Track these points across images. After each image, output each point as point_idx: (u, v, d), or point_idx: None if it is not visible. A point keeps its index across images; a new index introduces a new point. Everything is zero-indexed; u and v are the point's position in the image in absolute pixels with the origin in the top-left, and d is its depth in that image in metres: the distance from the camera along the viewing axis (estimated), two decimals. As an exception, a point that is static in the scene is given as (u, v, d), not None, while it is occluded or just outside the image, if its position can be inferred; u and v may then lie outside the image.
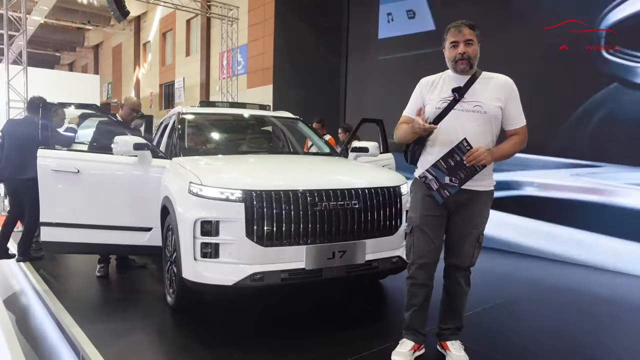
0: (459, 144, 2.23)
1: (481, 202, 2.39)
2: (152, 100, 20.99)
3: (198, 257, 2.75)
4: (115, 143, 3.44)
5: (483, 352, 2.60)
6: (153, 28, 21.09)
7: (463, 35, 2.29)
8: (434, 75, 2.47)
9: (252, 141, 4.47)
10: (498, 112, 2.31)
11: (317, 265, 2.78)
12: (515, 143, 2.35)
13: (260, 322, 3.11)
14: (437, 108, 2.34)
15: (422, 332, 2.53)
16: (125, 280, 4.06)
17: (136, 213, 3.61)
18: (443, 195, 2.30)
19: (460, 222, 2.40)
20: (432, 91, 2.41)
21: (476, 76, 2.35)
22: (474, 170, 2.24)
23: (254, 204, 2.70)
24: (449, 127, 2.31)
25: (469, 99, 2.31)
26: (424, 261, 2.41)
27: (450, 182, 2.27)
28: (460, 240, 2.41)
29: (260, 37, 13.45)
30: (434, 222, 2.40)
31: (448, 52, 2.35)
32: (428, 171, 2.32)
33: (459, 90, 2.31)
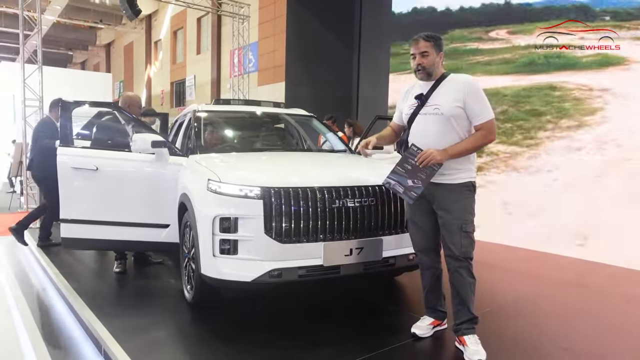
0: (409, 149, 2.49)
1: (456, 193, 2.52)
2: (163, 98, 21.14)
3: (217, 253, 2.78)
4: (133, 141, 3.48)
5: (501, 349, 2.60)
6: (164, 26, 21.22)
7: (418, 48, 2.55)
8: (408, 85, 2.78)
9: (267, 138, 4.48)
10: (457, 111, 2.49)
11: (334, 262, 2.80)
12: (476, 139, 2.50)
13: (276, 318, 3.13)
14: (406, 114, 2.66)
15: (440, 309, 2.78)
16: (143, 277, 4.10)
17: (154, 210, 3.65)
18: (411, 196, 2.48)
19: (441, 214, 2.55)
20: (404, 99, 2.73)
21: (440, 81, 2.57)
22: (432, 169, 2.43)
23: (272, 201, 2.72)
24: (417, 130, 2.59)
25: (430, 103, 2.55)
26: (420, 248, 2.73)
27: (413, 184, 2.46)
28: (446, 233, 2.54)
29: (271, 34, 13.47)
30: (420, 212, 2.64)
31: (411, 63, 2.63)
32: (390, 178, 2.52)
33: (420, 97, 2.58)
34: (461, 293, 2.53)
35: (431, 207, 2.59)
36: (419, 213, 2.66)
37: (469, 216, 2.54)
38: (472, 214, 2.56)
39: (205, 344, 2.71)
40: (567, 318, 3.24)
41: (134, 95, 4.50)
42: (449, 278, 2.57)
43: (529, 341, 2.81)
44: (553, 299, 3.66)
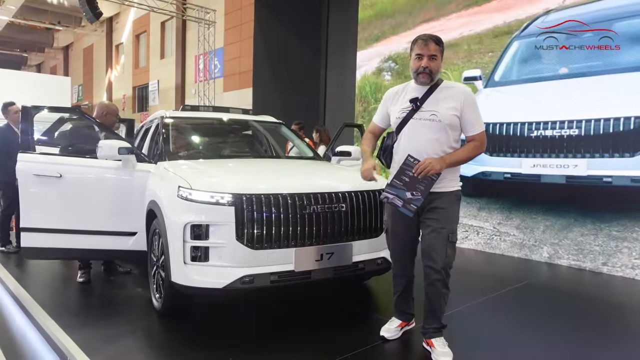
0: (406, 161, 2.40)
1: (446, 202, 2.49)
2: (125, 103, 20.61)
3: (188, 260, 2.77)
4: (99, 147, 3.41)
5: (466, 348, 2.71)
6: (126, 30, 20.73)
7: (428, 49, 2.45)
8: (399, 86, 2.66)
9: (236, 145, 4.49)
10: (453, 120, 2.45)
11: (305, 267, 2.84)
12: (470, 149, 2.49)
13: (247, 324, 3.13)
14: (397, 117, 2.54)
15: (409, 311, 2.83)
16: (108, 286, 4.01)
17: (120, 218, 3.59)
18: (410, 209, 2.42)
19: (429, 223, 2.50)
20: (395, 101, 2.61)
21: (435, 87, 2.50)
22: (430, 180, 2.37)
23: (244, 207, 2.74)
24: (409, 135, 2.51)
25: (426, 108, 2.48)
26: (398, 257, 2.71)
27: (412, 196, 2.39)
28: (432, 241, 2.48)
29: (237, 40, 13.42)
30: (403, 223, 2.58)
31: (412, 63, 2.50)
32: (387, 192, 2.44)
33: (416, 101, 2.48)
34: (434, 302, 2.56)
35: (415, 217, 2.53)
36: (401, 222, 2.58)
37: (455, 225, 2.54)
38: (457, 223, 2.57)
39: (176, 352, 2.68)
40: (532, 318, 3.40)
41: (110, 104, 4.44)
42: (425, 287, 2.57)
43: (498, 340, 2.93)
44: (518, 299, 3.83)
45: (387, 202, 2.47)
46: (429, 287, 2.55)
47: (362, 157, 2.71)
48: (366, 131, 2.79)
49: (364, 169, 2.57)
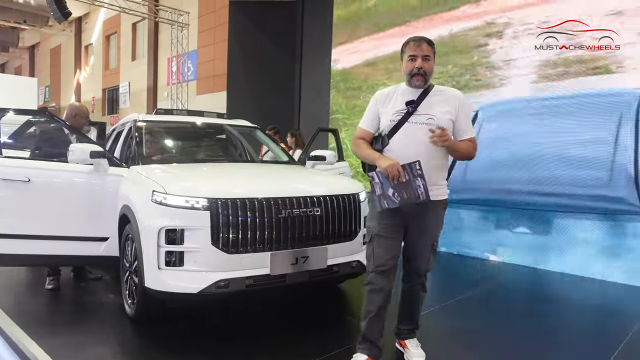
0: (412, 164, 2.27)
1: (436, 211, 2.48)
2: (94, 105, 20.13)
3: (162, 265, 2.76)
4: (70, 151, 3.35)
5: (439, 348, 2.79)
6: (96, 30, 20.29)
7: (422, 50, 2.39)
8: (389, 87, 2.56)
9: (211, 149, 4.47)
10: (449, 124, 2.40)
11: (281, 271, 2.87)
12: (468, 146, 2.44)
13: (221, 328, 3.13)
14: (391, 120, 2.42)
15: (378, 344, 2.47)
16: (79, 293, 3.92)
17: (91, 223, 3.52)
18: (382, 204, 2.33)
19: (418, 232, 2.48)
20: (386, 104, 2.48)
21: (429, 90, 2.44)
22: (417, 196, 2.27)
23: (219, 212, 2.74)
24: (403, 139, 2.39)
25: (422, 112, 2.39)
26: (383, 268, 2.44)
27: (392, 196, 2.30)
28: (418, 249, 2.51)
29: (210, 43, 13.32)
30: (392, 230, 2.45)
31: (405, 65, 2.44)
32: (378, 175, 2.34)
33: (412, 104, 2.39)
34: (413, 305, 2.62)
35: (401, 224, 2.46)
36: (390, 229, 2.45)
37: (439, 233, 2.56)
38: (441, 231, 2.57)
39: (150, 358, 2.66)
40: (508, 318, 3.52)
41: (80, 106, 4.34)
42: (403, 290, 2.61)
43: (471, 339, 3.02)
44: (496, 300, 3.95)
45: (371, 181, 2.37)
46: (409, 290, 2.58)
47: (369, 158, 2.45)
48: (355, 139, 2.58)
49: (390, 164, 2.28)
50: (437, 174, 2.44)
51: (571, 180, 4.76)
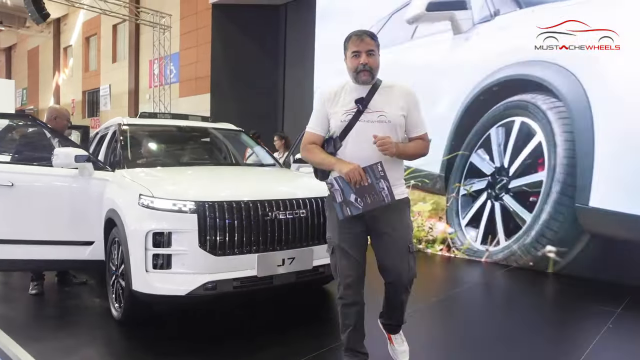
0: (373, 166, 2.13)
1: (399, 210, 2.30)
2: (74, 107, 19.81)
3: (150, 268, 2.78)
4: (55, 155, 3.35)
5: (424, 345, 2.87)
6: (75, 32, 19.97)
7: (365, 44, 2.24)
8: (334, 85, 2.38)
9: (196, 152, 4.50)
10: (402, 120, 2.28)
11: (267, 272, 2.92)
12: (419, 146, 2.33)
13: (208, 329, 3.16)
14: (342, 121, 2.27)
15: (363, 351, 2.38)
16: (63, 298, 3.90)
17: (77, 227, 3.53)
18: (344, 212, 2.17)
19: (385, 236, 2.28)
20: (335, 104, 2.32)
21: (377, 86, 2.30)
22: (381, 199, 2.13)
23: (206, 214, 2.78)
24: (356, 140, 2.25)
25: (372, 109, 2.26)
26: (349, 280, 2.29)
27: (354, 202, 2.15)
28: (392, 255, 2.27)
29: (193, 45, 13.26)
30: (354, 239, 2.28)
31: (349, 62, 2.28)
32: (337, 180, 2.19)
33: (362, 101, 2.25)
34: (397, 307, 2.42)
35: (364, 230, 2.30)
36: (351, 238, 2.28)
37: (411, 234, 2.35)
38: (412, 231, 2.38)
39: (138, 360, 2.69)
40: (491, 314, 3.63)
41: (61, 108, 4.32)
42: (387, 295, 2.39)
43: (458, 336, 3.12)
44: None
45: (330, 188, 2.22)
46: (395, 299, 2.37)
47: (325, 163, 2.30)
48: (305, 143, 2.40)
49: (352, 168, 2.14)
50: (395, 173, 2.29)
51: None
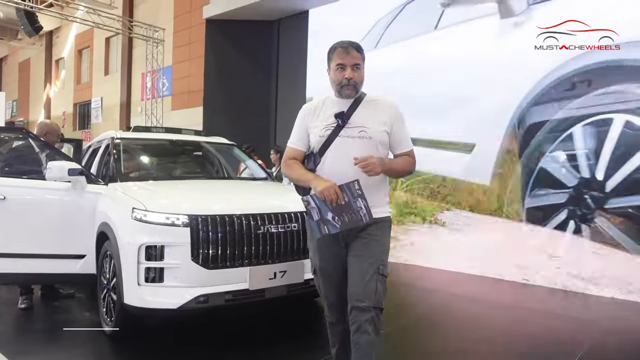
0: (350, 184, 2.02)
1: (377, 230, 2.15)
2: (64, 120, 19.74)
3: (142, 282, 2.80)
4: (48, 168, 3.37)
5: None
6: (68, 44, 20.00)
7: (351, 57, 2.13)
8: (316, 100, 2.31)
9: (189, 166, 4.53)
10: (384, 137, 2.17)
11: (259, 285, 2.94)
12: (406, 162, 2.21)
13: (198, 342, 3.16)
14: (320, 136, 2.17)
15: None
16: (53, 311, 3.88)
17: (69, 240, 3.53)
18: (322, 230, 2.07)
19: (358, 254, 2.14)
20: (315, 118, 2.22)
21: (360, 100, 2.20)
22: (359, 219, 2.03)
23: (199, 228, 2.81)
24: (335, 155, 2.14)
25: (353, 124, 2.14)
26: (330, 301, 2.27)
27: (332, 220, 2.05)
28: (361, 274, 2.10)
29: (186, 59, 13.35)
30: (334, 258, 2.19)
31: (333, 75, 2.18)
32: (313, 198, 2.08)
33: (342, 116, 2.15)
34: (364, 353, 2.05)
35: (343, 249, 2.18)
36: (331, 258, 2.20)
37: (386, 257, 2.20)
38: (388, 255, 2.22)
39: (130, 375, 2.69)
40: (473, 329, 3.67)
41: (51, 123, 4.37)
42: (352, 336, 2.09)
43: (434, 349, 3.15)
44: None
45: (306, 206, 2.10)
46: (358, 332, 2.06)
47: (302, 180, 2.18)
48: (285, 159, 2.30)
49: (327, 186, 2.02)
50: (377, 192, 2.17)
51: None
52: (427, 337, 3.49)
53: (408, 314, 3.92)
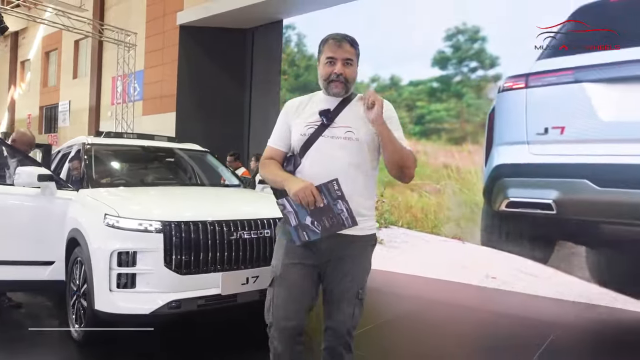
0: (328, 185, 1.82)
1: (361, 248, 1.96)
2: (30, 123, 19.19)
3: (114, 287, 2.80)
4: (17, 174, 3.33)
5: None
6: (34, 46, 19.49)
7: (343, 51, 1.92)
8: (303, 96, 2.10)
9: (161, 173, 4.53)
10: (374, 139, 1.94)
11: (232, 290, 2.98)
12: (409, 154, 1.93)
13: (169, 347, 3.18)
14: (302, 134, 1.95)
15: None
16: (20, 318, 3.81)
17: (37, 246, 3.49)
18: (301, 236, 1.86)
19: (336, 275, 1.94)
20: (298, 115, 2.01)
21: (350, 99, 1.99)
22: (341, 222, 1.83)
23: (172, 234, 2.84)
24: (317, 157, 1.92)
25: (339, 124, 1.93)
26: (283, 325, 1.89)
27: (311, 226, 1.84)
28: (337, 299, 1.94)
29: (158, 64, 13.22)
30: (301, 273, 1.92)
31: (322, 69, 1.97)
32: (289, 202, 1.87)
33: (327, 114, 1.94)
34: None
35: (315, 264, 1.94)
36: (300, 271, 1.92)
37: (366, 278, 2.00)
38: (368, 275, 2.02)
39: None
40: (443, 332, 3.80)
41: (25, 132, 4.31)
42: (324, 352, 1.99)
43: (402, 351, 3.26)
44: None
45: (282, 210, 1.90)
46: (331, 355, 1.96)
47: (277, 181, 1.96)
48: (263, 158, 2.09)
49: (301, 187, 1.80)
50: (361, 200, 1.93)
51: None
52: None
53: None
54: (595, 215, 4.62)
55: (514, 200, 5.05)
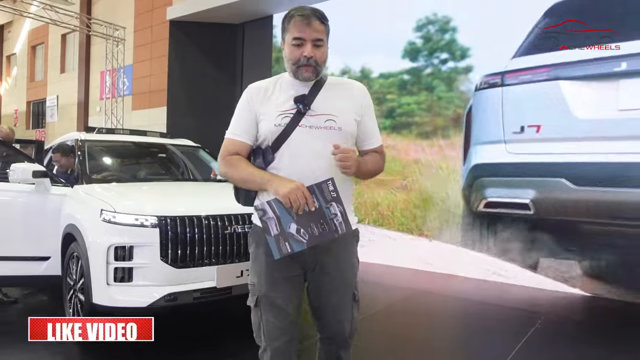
0: (322, 185, 1.58)
1: (347, 246, 1.78)
2: (17, 118, 18.96)
3: (111, 281, 2.87)
4: (12, 170, 3.37)
5: (371, 347, 3.10)
6: (20, 40, 19.22)
7: (312, 31, 1.65)
8: (265, 80, 1.81)
9: (154, 168, 4.58)
10: (355, 128, 1.75)
11: (227, 283, 3.07)
12: (376, 161, 1.80)
13: (168, 341, 3.25)
14: (276, 125, 1.69)
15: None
16: (16, 313, 3.85)
17: (33, 242, 3.53)
18: (282, 248, 1.57)
19: (326, 278, 1.74)
20: (265, 102, 1.74)
21: (322, 82, 1.75)
22: (332, 230, 1.58)
23: (168, 229, 2.91)
24: (296, 152, 1.68)
25: (318, 111, 1.70)
26: (279, 344, 1.70)
27: (296, 234, 1.57)
28: (334, 306, 1.77)
29: (147, 58, 13.15)
30: (289, 287, 1.71)
31: (289, 50, 1.70)
32: (270, 205, 1.60)
33: (303, 100, 1.69)
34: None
35: (301, 275, 1.75)
36: (285, 287, 1.71)
37: (357, 275, 1.84)
38: (358, 271, 1.85)
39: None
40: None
41: (5, 127, 4.32)
42: (321, 353, 1.87)
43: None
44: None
45: (261, 217, 1.60)
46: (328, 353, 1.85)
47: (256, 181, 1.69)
48: (225, 154, 1.81)
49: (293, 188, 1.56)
50: (346, 197, 1.69)
51: None
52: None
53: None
54: (573, 214, 4.66)
55: (491, 201, 5.13)
